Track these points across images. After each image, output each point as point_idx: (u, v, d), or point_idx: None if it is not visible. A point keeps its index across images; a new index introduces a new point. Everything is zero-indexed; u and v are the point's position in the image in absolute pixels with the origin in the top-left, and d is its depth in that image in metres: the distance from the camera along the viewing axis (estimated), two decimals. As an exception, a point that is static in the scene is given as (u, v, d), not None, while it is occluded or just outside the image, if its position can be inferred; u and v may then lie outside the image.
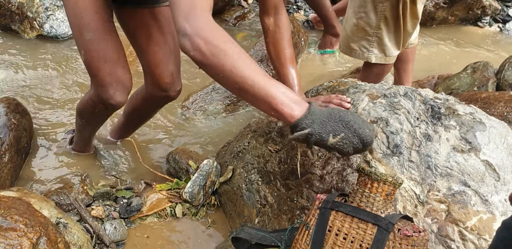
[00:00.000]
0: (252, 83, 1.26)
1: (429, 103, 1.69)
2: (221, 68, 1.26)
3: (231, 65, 1.26)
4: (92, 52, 1.83)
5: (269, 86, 1.27)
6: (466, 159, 1.53)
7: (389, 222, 1.30)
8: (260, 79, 1.27)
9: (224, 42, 1.28)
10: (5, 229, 1.30)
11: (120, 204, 2.17)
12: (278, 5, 1.85)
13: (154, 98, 2.20)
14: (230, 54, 1.26)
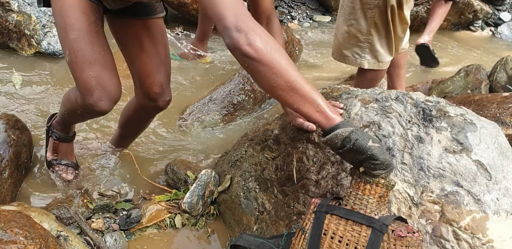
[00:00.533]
0: (303, 84, 1.34)
1: (420, 106, 1.71)
2: (276, 65, 1.31)
3: (285, 64, 1.32)
4: (76, 51, 1.75)
5: (315, 91, 1.36)
6: (458, 159, 1.55)
7: (383, 223, 1.31)
8: (307, 83, 1.35)
9: (277, 43, 1.35)
10: (5, 242, 1.32)
11: (119, 216, 2.19)
12: (271, 15, 1.87)
13: (143, 108, 2.21)
14: (284, 55, 1.33)
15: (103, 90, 1.78)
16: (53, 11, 1.82)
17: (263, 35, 1.32)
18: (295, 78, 1.33)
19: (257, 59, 1.31)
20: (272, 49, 1.31)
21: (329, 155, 1.75)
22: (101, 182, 2.41)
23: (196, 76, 3.62)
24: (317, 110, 1.36)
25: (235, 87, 3.16)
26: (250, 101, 3.16)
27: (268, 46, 1.31)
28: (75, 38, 1.74)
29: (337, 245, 1.36)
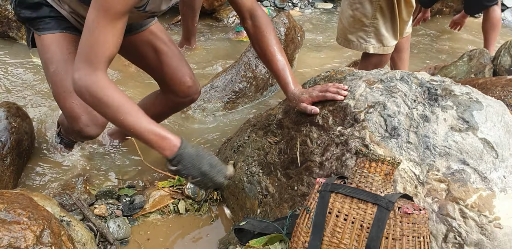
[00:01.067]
0: (133, 130, 1.50)
1: (425, 85, 1.69)
2: (105, 116, 1.52)
3: (111, 116, 1.49)
4: (56, 83, 1.81)
5: (146, 132, 1.50)
6: (464, 137, 1.53)
7: (389, 200, 1.30)
8: (137, 126, 1.49)
9: (106, 96, 1.47)
10: (8, 222, 1.31)
11: (122, 202, 2.18)
12: (252, 8, 1.86)
13: (177, 105, 2.27)
14: (110, 107, 1.47)
15: (88, 116, 1.81)
16: (37, 51, 1.89)
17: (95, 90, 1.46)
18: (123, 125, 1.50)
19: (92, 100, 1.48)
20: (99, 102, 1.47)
21: (333, 136, 1.73)
22: (104, 168, 2.40)
23: (196, 63, 3.60)
24: (153, 148, 1.56)
25: (236, 74, 3.14)
26: (252, 88, 3.14)
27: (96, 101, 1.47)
28: (54, 70, 1.81)
29: (342, 223, 1.35)
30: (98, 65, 1.48)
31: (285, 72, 1.88)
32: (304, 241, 1.41)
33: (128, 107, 1.49)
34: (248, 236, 1.71)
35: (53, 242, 1.35)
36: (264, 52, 1.89)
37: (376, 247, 1.28)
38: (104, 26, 1.45)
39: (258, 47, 1.91)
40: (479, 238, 1.37)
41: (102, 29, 1.45)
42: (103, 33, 1.46)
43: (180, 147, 1.54)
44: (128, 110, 1.49)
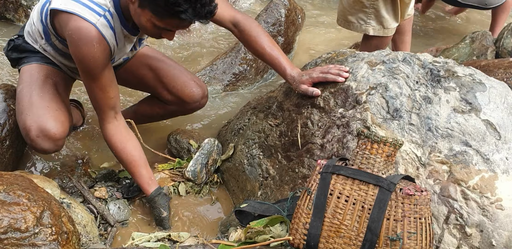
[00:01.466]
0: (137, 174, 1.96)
1: (428, 67, 1.67)
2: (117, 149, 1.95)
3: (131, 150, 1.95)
4: (18, 99, 1.98)
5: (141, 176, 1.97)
6: (466, 119, 1.52)
7: (390, 182, 1.29)
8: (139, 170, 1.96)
9: (125, 141, 1.94)
10: (8, 203, 1.30)
11: (122, 185, 2.17)
12: (232, 18, 1.95)
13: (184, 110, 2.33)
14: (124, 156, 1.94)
15: (37, 126, 1.84)
16: None
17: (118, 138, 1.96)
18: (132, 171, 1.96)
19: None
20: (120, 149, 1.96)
21: (334, 118, 1.72)
22: (103, 151, 2.39)
23: (195, 47, 3.56)
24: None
25: (236, 56, 3.11)
26: (252, 71, 3.11)
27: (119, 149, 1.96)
28: (20, 90, 1.98)
29: (343, 204, 1.35)
30: (111, 113, 1.89)
31: (280, 61, 1.92)
32: (305, 222, 1.41)
33: (134, 158, 1.95)
34: (248, 218, 1.71)
35: (53, 223, 1.34)
36: (255, 50, 1.96)
37: (377, 228, 1.28)
38: (99, 86, 1.78)
39: (250, 47, 1.99)
40: (480, 220, 1.37)
41: (100, 90, 1.79)
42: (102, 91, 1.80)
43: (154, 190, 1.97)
44: (133, 161, 1.96)
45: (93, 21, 1.66)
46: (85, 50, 1.67)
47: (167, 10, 1.54)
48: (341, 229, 1.34)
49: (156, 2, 1.53)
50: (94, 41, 1.66)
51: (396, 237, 1.26)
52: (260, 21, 3.26)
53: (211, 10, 1.57)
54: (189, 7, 1.52)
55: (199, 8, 1.53)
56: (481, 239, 1.35)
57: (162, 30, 1.68)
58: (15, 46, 2.08)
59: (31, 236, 1.30)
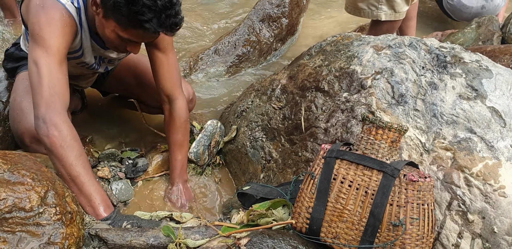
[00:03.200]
0: (84, 180, 1.55)
1: (434, 52, 1.66)
2: (63, 159, 1.53)
3: (74, 160, 1.54)
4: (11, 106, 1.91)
5: (95, 187, 1.59)
6: (472, 106, 1.51)
7: (394, 168, 1.30)
8: (90, 179, 1.57)
9: (74, 140, 1.56)
10: (13, 183, 1.30)
11: (125, 165, 2.18)
12: (171, 94, 1.96)
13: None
14: (74, 152, 1.54)
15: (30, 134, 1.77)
16: None
17: (63, 130, 1.53)
18: (77, 174, 1.54)
19: (50, 150, 1.54)
20: (66, 144, 1.52)
21: (339, 102, 1.72)
22: (106, 131, 2.39)
23: (198, 25, 3.53)
24: (88, 205, 1.58)
25: (240, 38, 3.08)
26: (256, 52, 3.09)
27: (63, 142, 1.52)
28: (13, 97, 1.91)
29: (347, 189, 1.35)
30: (63, 105, 1.58)
31: (175, 170, 2.02)
32: (308, 206, 1.41)
33: (86, 158, 1.60)
34: (251, 201, 1.72)
35: (58, 203, 1.35)
36: (169, 137, 2.03)
37: (380, 213, 1.29)
38: (54, 65, 1.56)
39: (166, 129, 2.04)
40: (483, 206, 1.38)
41: (54, 70, 1.56)
42: (55, 72, 1.57)
43: (113, 212, 1.64)
44: (86, 160, 1.60)
45: (62, 1, 1.60)
46: (51, 15, 1.56)
47: (131, 19, 1.50)
48: (344, 213, 1.35)
49: (120, 11, 1.49)
50: (62, 11, 1.58)
51: (398, 223, 1.26)
52: (265, 3, 3.23)
53: (176, 22, 1.54)
54: (154, 17, 1.49)
55: (163, 18, 1.50)
56: (483, 226, 1.36)
57: (127, 42, 1.63)
58: (9, 55, 2.04)
59: (36, 216, 1.30)
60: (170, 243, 1.50)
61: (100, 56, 1.93)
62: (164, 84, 1.94)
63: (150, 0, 1.46)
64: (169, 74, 1.94)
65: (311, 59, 2.01)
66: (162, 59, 1.90)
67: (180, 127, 2.00)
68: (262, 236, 1.39)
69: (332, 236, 1.37)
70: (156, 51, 1.90)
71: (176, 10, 1.52)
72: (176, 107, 1.98)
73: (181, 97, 1.99)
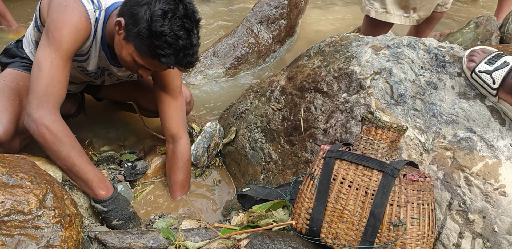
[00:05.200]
0: (78, 169, 1.64)
1: (433, 52, 1.66)
2: (58, 154, 1.61)
3: (66, 154, 1.61)
4: None
5: (91, 172, 1.67)
6: (471, 105, 1.51)
7: (394, 168, 1.29)
8: (85, 166, 1.65)
9: (65, 136, 1.61)
10: (11, 186, 1.30)
11: (124, 168, 2.17)
12: (176, 134, 2.02)
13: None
14: (67, 146, 1.61)
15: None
16: None
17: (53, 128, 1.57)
18: (72, 164, 1.63)
19: (45, 147, 1.61)
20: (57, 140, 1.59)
21: (338, 103, 1.71)
22: (105, 134, 2.38)
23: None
24: (87, 188, 1.69)
25: (238, 40, 3.08)
26: (254, 54, 3.09)
27: (54, 139, 1.58)
28: None
29: (346, 189, 1.35)
30: (56, 104, 1.61)
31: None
32: (307, 207, 1.41)
33: (79, 148, 1.66)
34: (251, 202, 1.72)
35: (56, 205, 1.34)
36: (170, 176, 2.06)
37: (380, 213, 1.28)
38: (58, 66, 1.59)
39: (168, 169, 2.08)
40: (483, 206, 1.37)
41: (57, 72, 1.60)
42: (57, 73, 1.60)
43: (114, 191, 1.74)
44: (80, 151, 1.66)
45: (87, 7, 1.63)
46: (69, 17, 1.59)
47: (150, 50, 1.54)
48: (344, 214, 1.34)
49: (142, 40, 1.52)
50: (81, 15, 1.61)
51: (399, 223, 1.26)
52: (263, 4, 3.23)
53: (192, 61, 1.59)
54: (172, 54, 1.53)
55: (181, 56, 1.55)
56: (483, 225, 1.36)
57: (140, 67, 1.67)
58: (6, 50, 2.06)
59: (34, 219, 1.29)
60: (170, 245, 1.49)
61: (104, 67, 1.94)
62: (169, 124, 2.00)
63: (172, 39, 1.50)
64: (176, 115, 2.00)
65: (309, 60, 2.01)
66: (170, 100, 1.97)
67: (183, 167, 2.03)
68: (262, 238, 1.38)
69: (332, 237, 1.36)
70: (165, 93, 1.96)
71: (194, 50, 1.57)
72: (179, 147, 2.02)
73: (185, 137, 2.04)
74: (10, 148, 1.78)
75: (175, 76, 1.94)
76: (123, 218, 1.76)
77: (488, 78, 1.45)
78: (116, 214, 1.75)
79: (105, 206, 1.72)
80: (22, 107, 1.84)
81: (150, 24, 1.48)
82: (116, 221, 1.74)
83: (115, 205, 1.74)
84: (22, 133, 1.83)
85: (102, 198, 1.71)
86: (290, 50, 3.38)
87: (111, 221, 1.75)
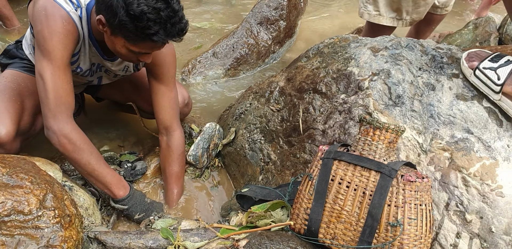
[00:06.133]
0: (97, 174, 1.74)
1: (431, 53, 1.67)
2: (78, 161, 1.70)
3: (86, 160, 1.71)
4: None
5: (109, 175, 1.77)
6: (469, 106, 1.52)
7: (392, 168, 1.30)
8: (103, 170, 1.76)
9: (83, 143, 1.70)
10: (11, 186, 1.31)
11: (124, 168, 2.18)
12: (170, 126, 2.02)
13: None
14: (86, 153, 1.70)
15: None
16: None
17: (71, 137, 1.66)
18: (92, 169, 1.73)
19: (66, 155, 1.70)
20: (77, 148, 1.68)
21: (336, 104, 1.72)
22: (104, 134, 2.39)
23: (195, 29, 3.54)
24: (106, 189, 1.79)
25: (238, 41, 3.09)
26: (254, 55, 3.10)
27: (75, 147, 1.67)
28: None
29: (344, 190, 1.35)
30: (69, 113, 1.68)
31: (172, 196, 2.04)
32: (306, 207, 1.41)
33: (97, 153, 1.75)
34: (249, 203, 1.72)
35: (56, 206, 1.35)
36: (164, 169, 2.06)
37: (378, 214, 1.29)
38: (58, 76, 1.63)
39: (162, 161, 2.08)
40: (480, 206, 1.38)
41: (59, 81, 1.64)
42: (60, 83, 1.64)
43: (131, 189, 1.84)
44: (98, 156, 1.75)
45: (67, 9, 1.63)
46: (52, 26, 1.59)
47: (139, 34, 1.53)
48: (342, 214, 1.35)
49: (127, 27, 1.52)
50: (63, 20, 1.61)
51: (396, 223, 1.26)
52: (262, 5, 3.24)
53: (182, 27, 1.57)
54: (160, 29, 1.52)
55: (169, 28, 1.53)
56: (480, 226, 1.36)
57: (138, 54, 1.67)
58: (6, 51, 2.07)
59: (34, 219, 1.30)
60: (169, 245, 1.50)
61: (98, 63, 1.94)
62: (163, 116, 2.00)
63: (153, 14, 1.48)
64: (169, 107, 1.99)
65: (308, 61, 2.02)
66: (164, 91, 1.97)
67: (178, 159, 2.04)
68: (261, 238, 1.39)
69: (330, 237, 1.37)
70: (160, 83, 1.96)
71: (180, 16, 1.55)
72: (174, 139, 2.03)
73: (179, 130, 2.04)
74: (11, 149, 1.79)
75: (170, 66, 1.94)
76: (143, 210, 1.85)
77: (493, 74, 1.47)
78: (137, 209, 1.84)
79: (124, 204, 1.81)
80: (23, 108, 1.85)
81: (126, 9, 1.48)
82: (138, 215, 1.84)
83: (133, 201, 1.83)
84: (22, 133, 1.84)
85: (122, 197, 1.80)
86: (289, 51, 3.39)
87: (133, 217, 1.85)
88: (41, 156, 1.94)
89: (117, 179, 1.80)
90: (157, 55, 1.87)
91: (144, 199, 1.88)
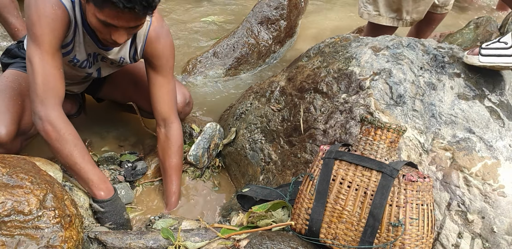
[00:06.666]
0: (79, 168, 1.67)
1: (432, 52, 1.66)
2: (60, 151, 1.64)
3: (68, 151, 1.64)
4: None
5: (92, 172, 1.69)
6: (470, 106, 1.51)
7: (393, 168, 1.29)
8: (86, 166, 1.68)
9: (68, 133, 1.64)
10: (11, 186, 1.30)
11: (125, 168, 2.17)
12: (168, 118, 1.99)
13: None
14: (69, 144, 1.64)
15: None
16: None
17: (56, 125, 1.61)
18: (74, 163, 1.66)
19: (48, 143, 1.64)
20: (61, 138, 1.62)
21: (337, 104, 1.72)
22: (105, 134, 2.39)
23: (196, 29, 3.54)
24: (87, 187, 1.72)
25: (238, 40, 3.09)
26: (254, 55, 3.10)
27: (58, 136, 1.62)
28: None
29: (346, 190, 1.35)
30: (56, 100, 1.63)
31: (172, 188, 2.02)
32: (307, 207, 1.41)
33: (82, 147, 1.68)
34: (250, 203, 1.72)
35: (56, 206, 1.34)
36: (164, 162, 2.03)
37: (379, 214, 1.28)
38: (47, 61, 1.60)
39: (161, 154, 2.04)
40: (482, 206, 1.37)
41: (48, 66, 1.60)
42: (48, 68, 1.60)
43: (114, 194, 1.75)
44: (82, 149, 1.68)
45: None
46: (41, 10, 1.55)
47: None
48: (343, 214, 1.34)
49: None
50: (53, 4, 1.56)
51: (398, 223, 1.26)
52: (263, 5, 3.23)
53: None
54: None
55: None
56: (482, 226, 1.36)
57: (108, 26, 1.57)
58: (8, 51, 2.07)
59: (34, 219, 1.30)
60: (170, 246, 1.50)
61: (95, 53, 1.90)
62: (161, 108, 1.97)
63: None
64: (168, 98, 1.96)
65: (309, 61, 2.01)
66: (162, 83, 1.94)
67: (177, 151, 2.02)
68: (262, 238, 1.38)
69: (331, 237, 1.36)
70: (158, 74, 1.93)
71: None
72: (172, 131, 2.01)
73: (176, 122, 2.02)
74: (11, 149, 1.78)
75: (168, 58, 1.91)
76: (116, 222, 1.76)
77: (498, 44, 1.47)
78: (111, 217, 1.75)
79: (102, 206, 1.73)
80: (24, 108, 1.84)
81: None
82: (109, 224, 1.75)
83: (112, 207, 1.75)
84: (23, 133, 1.83)
85: (101, 199, 1.72)
86: (290, 51, 3.38)
87: (104, 223, 1.75)
88: (41, 156, 1.93)
89: (99, 178, 1.72)
90: (156, 47, 1.84)
91: (122, 212, 1.79)
